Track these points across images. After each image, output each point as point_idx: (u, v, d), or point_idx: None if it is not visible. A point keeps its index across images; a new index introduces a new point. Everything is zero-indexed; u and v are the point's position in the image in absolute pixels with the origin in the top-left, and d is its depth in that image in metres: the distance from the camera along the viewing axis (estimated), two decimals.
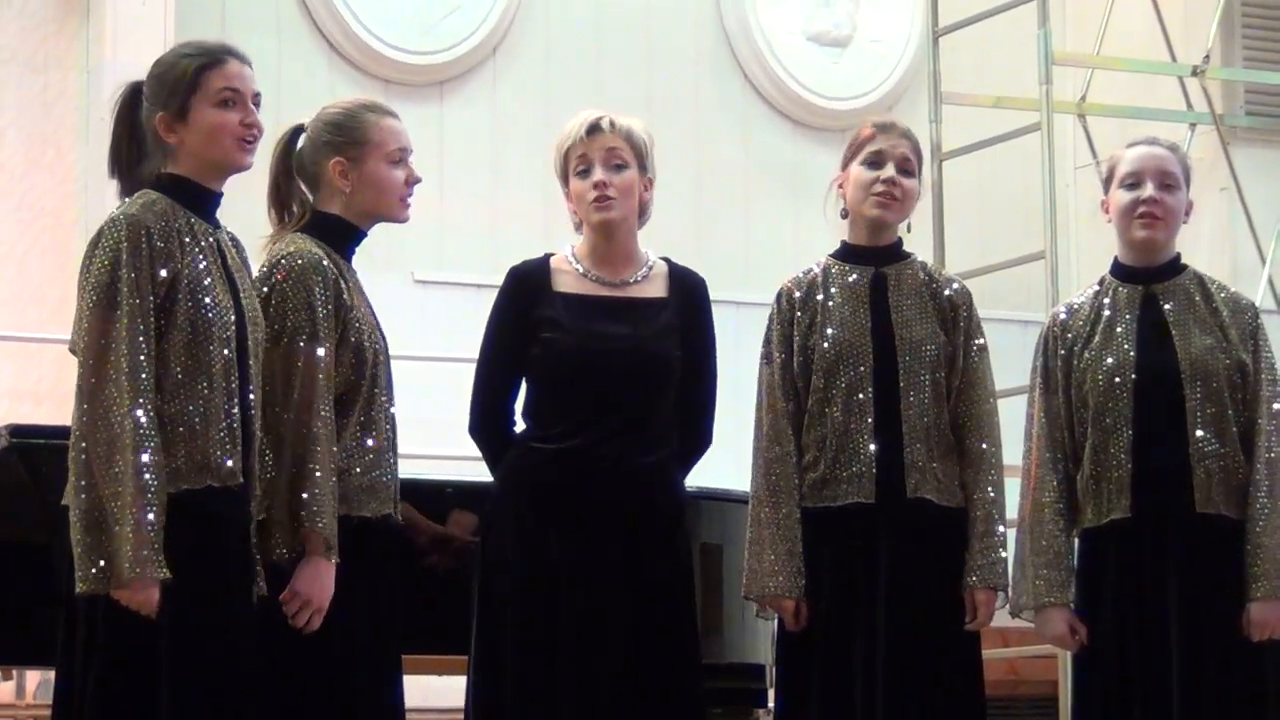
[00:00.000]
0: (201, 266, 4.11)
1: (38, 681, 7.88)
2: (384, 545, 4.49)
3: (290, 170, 4.59)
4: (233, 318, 4.12)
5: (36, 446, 5.23)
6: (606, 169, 4.71)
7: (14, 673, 7.33)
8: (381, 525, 4.47)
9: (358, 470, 4.42)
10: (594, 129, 4.73)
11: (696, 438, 4.80)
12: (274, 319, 4.33)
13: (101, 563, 3.93)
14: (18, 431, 5.27)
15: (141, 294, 4.02)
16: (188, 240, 4.11)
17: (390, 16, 9.50)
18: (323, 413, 4.31)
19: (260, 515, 4.25)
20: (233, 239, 4.27)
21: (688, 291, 4.79)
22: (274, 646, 4.20)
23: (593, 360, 4.64)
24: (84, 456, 3.98)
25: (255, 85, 4.25)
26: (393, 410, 4.60)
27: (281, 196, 4.59)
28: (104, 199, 4.29)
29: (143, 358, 4.00)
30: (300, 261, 4.39)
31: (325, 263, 4.42)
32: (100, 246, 4.06)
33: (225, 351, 4.10)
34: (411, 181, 4.61)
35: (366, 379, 4.46)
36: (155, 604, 3.95)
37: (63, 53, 8.85)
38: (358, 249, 4.62)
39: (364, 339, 4.46)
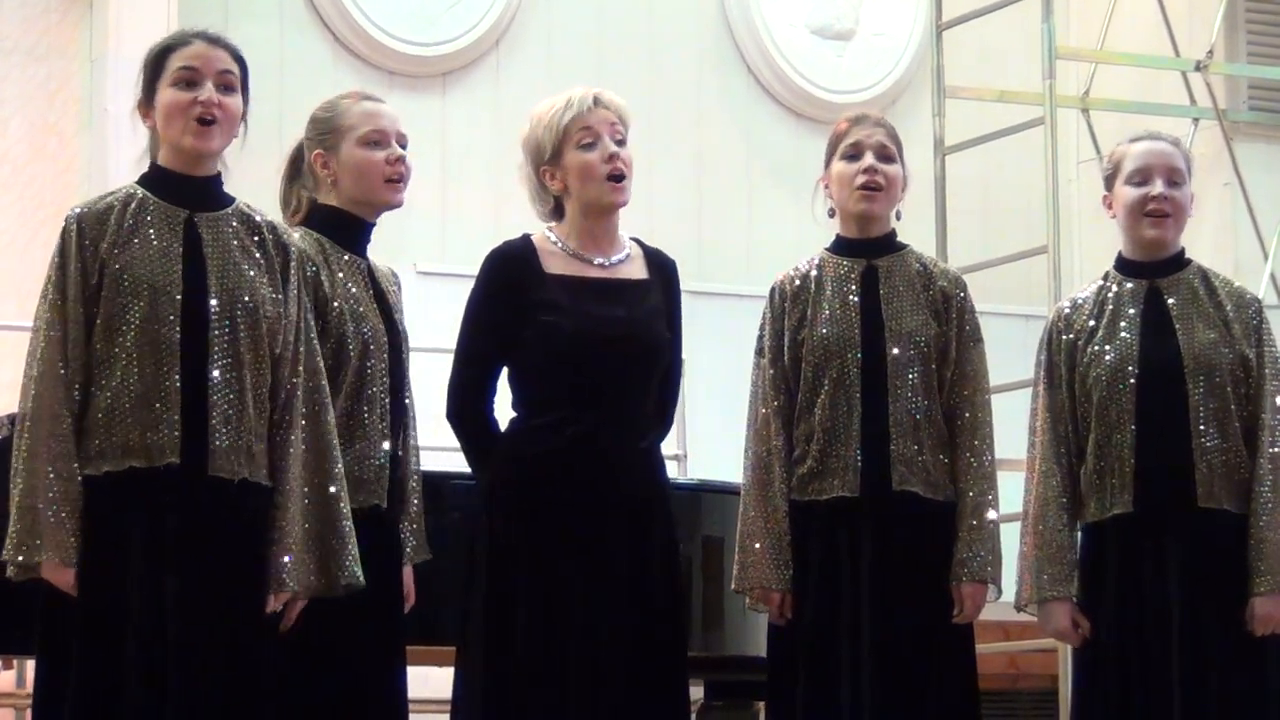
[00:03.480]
0: (152, 249, 4.09)
1: None
2: (371, 538, 4.41)
3: (292, 175, 4.66)
4: (179, 295, 4.07)
5: None
6: (614, 143, 4.62)
7: (14, 662, 7.34)
8: (370, 517, 4.42)
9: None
10: (598, 101, 4.66)
11: (665, 420, 4.74)
12: None
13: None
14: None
15: (66, 285, 4.08)
16: (133, 224, 4.10)
17: (393, 8, 9.50)
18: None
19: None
20: (237, 218, 4.21)
21: (666, 273, 4.71)
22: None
23: (592, 344, 4.52)
24: (13, 445, 4.07)
25: (223, 66, 4.17)
26: (406, 400, 4.61)
27: (285, 198, 4.68)
28: (106, 189, 4.28)
29: (60, 347, 4.05)
30: None
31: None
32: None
33: (163, 329, 4.05)
34: (392, 161, 4.52)
35: (348, 371, 4.42)
36: (71, 583, 4.00)
37: (66, 42, 8.85)
38: (370, 240, 4.63)
39: (347, 331, 4.43)
